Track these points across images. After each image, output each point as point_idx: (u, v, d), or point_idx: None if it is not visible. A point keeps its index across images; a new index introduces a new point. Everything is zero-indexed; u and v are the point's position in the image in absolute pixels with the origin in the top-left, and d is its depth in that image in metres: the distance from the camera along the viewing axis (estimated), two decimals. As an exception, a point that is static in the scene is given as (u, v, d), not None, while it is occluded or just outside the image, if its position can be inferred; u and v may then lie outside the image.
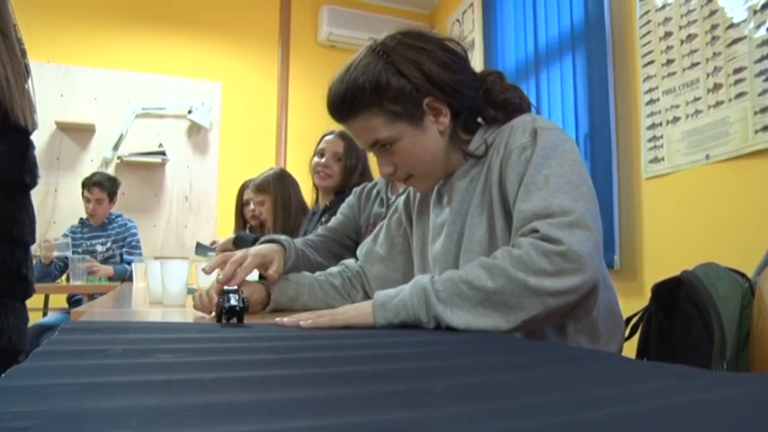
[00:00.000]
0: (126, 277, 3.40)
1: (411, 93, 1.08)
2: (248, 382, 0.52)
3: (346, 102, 1.10)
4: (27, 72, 1.28)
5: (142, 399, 0.44)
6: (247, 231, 3.14)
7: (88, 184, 3.65)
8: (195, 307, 1.15)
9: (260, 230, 2.99)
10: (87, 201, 3.65)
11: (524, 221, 0.95)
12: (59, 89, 4.28)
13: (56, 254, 3.32)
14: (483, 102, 1.17)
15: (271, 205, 2.62)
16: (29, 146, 1.31)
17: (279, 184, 2.64)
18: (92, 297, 3.06)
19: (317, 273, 1.37)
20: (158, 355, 0.64)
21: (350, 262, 1.44)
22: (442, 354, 0.71)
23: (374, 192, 1.93)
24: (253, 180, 3.00)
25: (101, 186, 3.62)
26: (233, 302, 0.97)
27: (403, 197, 1.40)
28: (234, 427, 0.37)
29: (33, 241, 1.33)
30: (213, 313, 1.09)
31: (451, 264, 1.14)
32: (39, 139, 4.18)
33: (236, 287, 1.03)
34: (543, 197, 0.95)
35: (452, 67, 1.12)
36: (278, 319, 0.98)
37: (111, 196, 3.68)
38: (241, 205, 3.13)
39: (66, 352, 0.64)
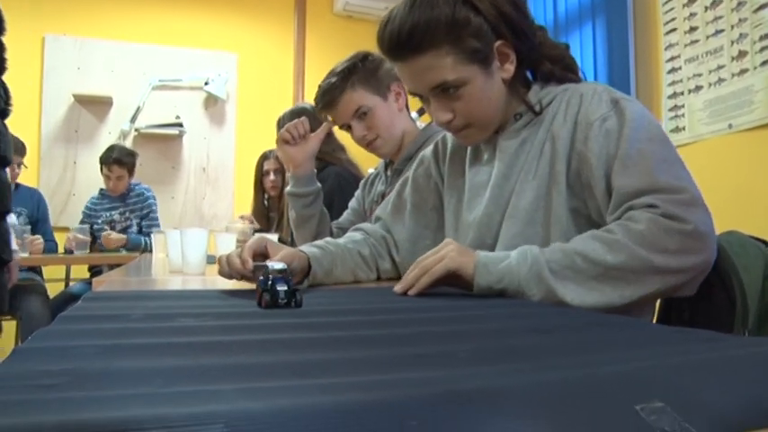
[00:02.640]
0: (141, 248, 3.42)
1: (487, 33, 1.00)
2: (271, 344, 0.52)
3: (416, 36, 0.99)
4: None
5: (166, 359, 0.44)
6: (265, 204, 3.15)
7: (108, 161, 3.56)
8: (221, 272, 1.01)
9: (278, 202, 2.99)
10: (107, 178, 3.60)
11: (627, 196, 0.89)
12: (76, 62, 4.28)
13: (80, 239, 3.28)
14: (539, 54, 1.09)
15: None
16: (5, 127, 1.33)
17: None
18: (112, 268, 3.09)
19: (342, 239, 1.27)
20: (180, 319, 0.65)
21: (368, 226, 1.33)
22: (465, 318, 0.71)
23: (376, 177, 1.92)
24: (273, 150, 2.99)
25: (120, 164, 3.56)
26: (283, 288, 0.77)
27: (430, 147, 1.31)
28: (259, 383, 0.37)
29: (10, 210, 1.38)
30: (242, 278, 0.99)
31: (494, 230, 1.07)
32: (56, 111, 4.21)
33: (284, 265, 0.81)
34: (643, 172, 0.89)
35: (522, 10, 1.04)
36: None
37: (131, 170, 3.67)
38: (261, 176, 3.12)
39: (89, 317, 0.65)
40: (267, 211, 3.12)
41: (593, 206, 0.98)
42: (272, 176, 3.06)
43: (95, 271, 3.54)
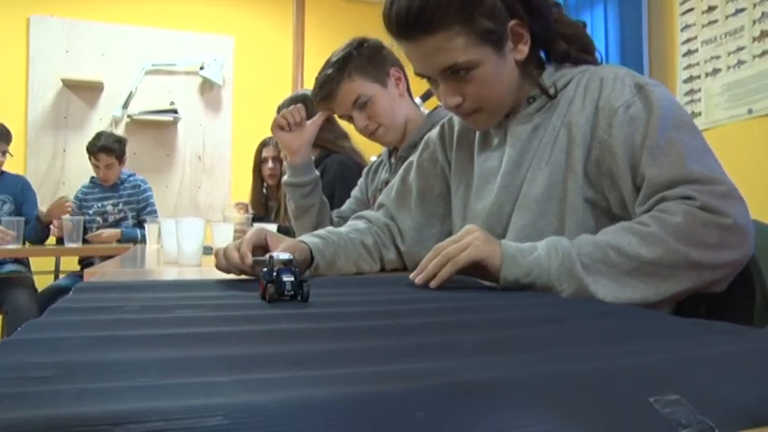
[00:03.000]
0: (137, 241, 3.33)
1: (500, 12, 0.95)
2: (270, 335, 0.52)
3: (425, 15, 0.93)
4: None
5: (162, 350, 0.44)
6: (264, 192, 3.07)
7: (94, 150, 3.46)
8: (218, 266, 0.99)
9: (277, 190, 2.92)
10: (96, 167, 3.51)
11: (659, 187, 0.85)
12: (64, 45, 4.18)
13: (68, 225, 3.17)
14: (554, 33, 1.04)
15: None
16: None
17: None
18: (104, 259, 3.00)
19: (343, 228, 1.22)
20: (176, 310, 0.63)
21: (371, 214, 1.28)
22: (471, 309, 0.70)
23: (380, 165, 1.88)
24: (272, 137, 2.91)
25: (108, 151, 3.46)
26: (289, 279, 0.72)
27: (436, 130, 1.25)
28: (258, 375, 0.37)
29: None
30: (242, 274, 0.96)
31: (504, 220, 1.03)
32: (44, 97, 4.12)
33: (290, 256, 0.75)
34: (675, 162, 0.85)
35: None
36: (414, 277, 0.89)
37: (121, 157, 3.56)
38: (259, 163, 3.05)
39: (81, 309, 0.64)
40: (266, 200, 3.07)
41: (614, 198, 0.95)
42: (270, 164, 3.00)
43: (86, 263, 3.45)
